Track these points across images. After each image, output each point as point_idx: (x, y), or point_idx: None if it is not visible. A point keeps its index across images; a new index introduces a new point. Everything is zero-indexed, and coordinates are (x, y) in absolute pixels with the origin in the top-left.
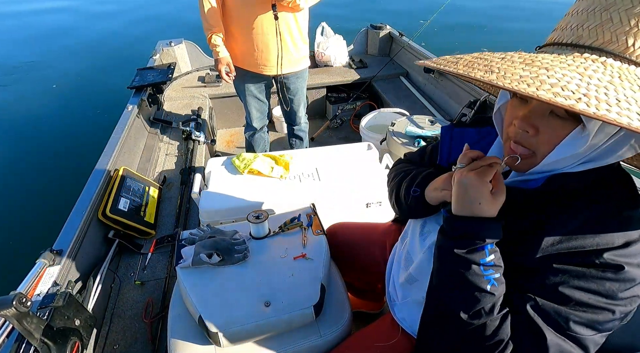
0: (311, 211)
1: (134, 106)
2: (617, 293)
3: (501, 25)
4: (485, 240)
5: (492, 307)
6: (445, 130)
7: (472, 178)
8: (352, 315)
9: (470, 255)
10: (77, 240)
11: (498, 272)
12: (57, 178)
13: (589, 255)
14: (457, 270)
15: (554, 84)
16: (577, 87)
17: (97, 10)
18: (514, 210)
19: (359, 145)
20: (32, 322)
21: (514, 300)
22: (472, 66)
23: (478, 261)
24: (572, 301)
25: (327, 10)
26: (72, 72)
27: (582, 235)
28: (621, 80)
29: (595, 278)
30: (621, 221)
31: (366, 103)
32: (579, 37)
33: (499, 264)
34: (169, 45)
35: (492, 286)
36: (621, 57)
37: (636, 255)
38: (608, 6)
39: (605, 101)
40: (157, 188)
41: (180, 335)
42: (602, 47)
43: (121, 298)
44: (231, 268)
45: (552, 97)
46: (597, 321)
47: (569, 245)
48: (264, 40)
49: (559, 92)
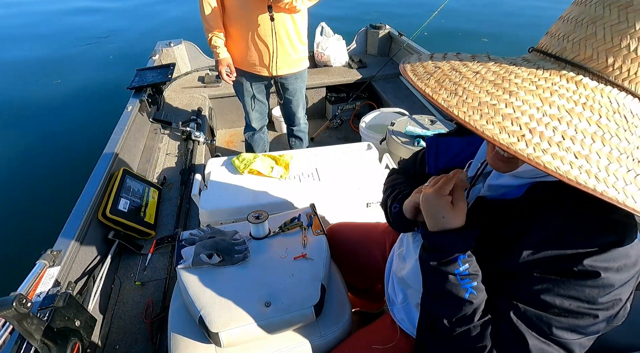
0: (311, 211)
1: (134, 106)
2: (597, 298)
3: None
4: (455, 253)
5: (472, 314)
6: (430, 141)
7: (429, 195)
8: (352, 315)
9: (444, 267)
10: (77, 241)
11: (475, 280)
12: (57, 179)
13: (568, 261)
14: (436, 280)
15: (506, 116)
16: (529, 120)
17: (97, 10)
18: (499, 219)
19: (358, 145)
20: (32, 322)
21: (499, 305)
22: (442, 82)
23: (453, 271)
24: (553, 307)
25: (326, 10)
26: (72, 72)
27: (561, 242)
28: (583, 108)
29: (574, 285)
30: (599, 226)
31: (366, 103)
32: (563, 49)
33: (474, 272)
34: (169, 45)
35: (471, 294)
36: (598, 77)
37: (615, 259)
38: (595, 19)
39: (547, 140)
40: (157, 189)
41: (181, 336)
42: (582, 64)
43: (121, 298)
44: (231, 269)
45: (495, 135)
46: (580, 326)
47: (548, 253)
48: (261, 41)
49: (505, 127)
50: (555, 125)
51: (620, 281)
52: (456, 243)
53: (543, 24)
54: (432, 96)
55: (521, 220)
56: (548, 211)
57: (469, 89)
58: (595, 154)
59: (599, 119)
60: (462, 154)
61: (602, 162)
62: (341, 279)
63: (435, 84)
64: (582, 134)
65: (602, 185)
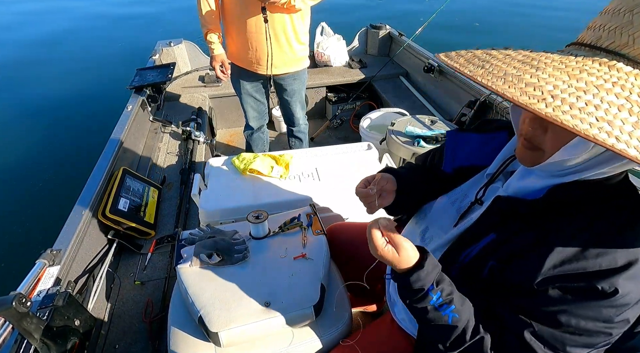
0: (311, 211)
1: (134, 106)
2: (614, 318)
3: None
4: (423, 287)
5: (463, 335)
6: (451, 135)
7: (373, 253)
8: (352, 315)
9: (419, 303)
10: (77, 240)
11: (452, 303)
12: (57, 178)
13: (590, 278)
14: (416, 314)
15: (530, 84)
16: (553, 88)
17: (96, 10)
18: (515, 221)
19: (358, 145)
20: (32, 322)
21: (510, 321)
22: (471, 60)
23: (429, 304)
24: (570, 327)
25: (326, 9)
26: (71, 72)
27: (583, 256)
28: (613, 86)
29: (594, 305)
30: (623, 239)
31: (366, 103)
32: (598, 38)
33: (449, 297)
34: (169, 45)
35: (453, 318)
36: (634, 62)
37: (636, 276)
38: (633, 7)
39: (569, 104)
40: (156, 188)
41: (180, 335)
42: (617, 50)
43: (121, 298)
44: (231, 268)
45: (515, 96)
46: (593, 343)
47: (571, 267)
48: (256, 40)
49: (527, 91)
50: (580, 95)
51: (635, 299)
52: (419, 278)
53: (551, 25)
54: (459, 68)
55: (539, 226)
56: (573, 217)
57: (496, 64)
58: (620, 121)
59: (629, 95)
60: (478, 153)
61: (625, 128)
62: (341, 279)
63: (465, 61)
64: (608, 105)
65: (623, 145)
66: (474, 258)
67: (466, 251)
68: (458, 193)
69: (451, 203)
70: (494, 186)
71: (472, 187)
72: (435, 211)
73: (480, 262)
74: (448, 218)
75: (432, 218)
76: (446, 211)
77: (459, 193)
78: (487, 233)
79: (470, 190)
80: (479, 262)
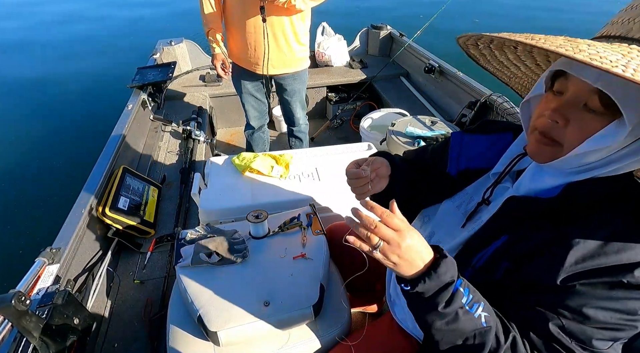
0: (311, 211)
1: (134, 104)
2: (639, 311)
3: None
4: (450, 282)
5: (497, 340)
6: (456, 137)
7: (385, 251)
8: (351, 315)
9: (449, 307)
10: (76, 239)
11: (479, 301)
12: (57, 177)
13: (613, 273)
14: (451, 329)
15: (593, 54)
16: (617, 59)
17: (96, 10)
18: (529, 221)
19: (359, 145)
20: (31, 320)
21: (535, 320)
22: (513, 36)
23: (461, 305)
24: (596, 321)
25: (327, 9)
26: (72, 71)
27: (604, 252)
28: None
29: (619, 298)
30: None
31: (366, 103)
32: (629, 30)
33: (474, 294)
34: (170, 44)
35: (486, 317)
36: None
37: None
38: None
39: (624, 64)
40: (156, 187)
41: (179, 334)
42: None
43: (120, 297)
44: (230, 268)
45: (588, 60)
46: (619, 337)
47: (592, 263)
48: (255, 39)
49: (596, 58)
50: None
51: None
52: (447, 269)
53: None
54: (509, 37)
55: (555, 225)
56: (590, 215)
57: (546, 37)
58: None
59: None
60: (485, 155)
61: None
62: (341, 279)
63: (508, 35)
64: None
65: None
66: (488, 260)
67: (479, 254)
68: (463, 197)
69: (456, 207)
70: (501, 186)
71: (477, 189)
72: (441, 216)
73: (494, 264)
74: (455, 222)
75: (438, 222)
76: (452, 214)
77: (463, 196)
78: (500, 234)
79: (475, 193)
80: (493, 264)
